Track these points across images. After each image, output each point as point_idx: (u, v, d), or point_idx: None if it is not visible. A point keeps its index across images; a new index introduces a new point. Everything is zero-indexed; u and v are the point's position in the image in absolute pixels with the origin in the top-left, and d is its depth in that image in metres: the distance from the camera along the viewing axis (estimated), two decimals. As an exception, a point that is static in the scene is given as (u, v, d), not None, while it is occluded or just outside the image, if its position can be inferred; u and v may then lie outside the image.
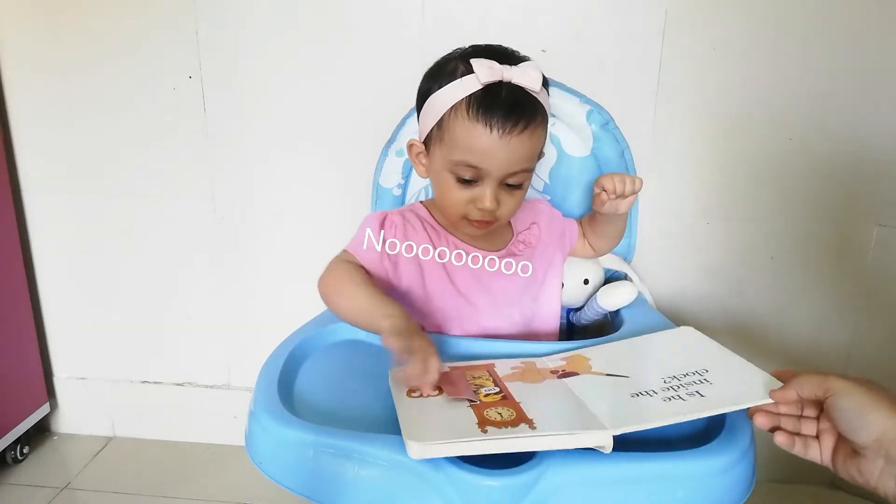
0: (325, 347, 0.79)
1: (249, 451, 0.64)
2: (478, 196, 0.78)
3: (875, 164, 1.16)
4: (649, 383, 0.62)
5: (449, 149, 0.77)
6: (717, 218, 1.22)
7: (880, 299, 1.21)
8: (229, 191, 1.29)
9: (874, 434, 0.52)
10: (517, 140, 0.74)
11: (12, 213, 1.31)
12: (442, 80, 0.77)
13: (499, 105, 0.73)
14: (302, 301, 1.31)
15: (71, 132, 1.29)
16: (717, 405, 0.57)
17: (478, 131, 0.74)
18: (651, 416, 0.56)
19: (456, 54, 0.79)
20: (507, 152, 0.75)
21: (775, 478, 1.29)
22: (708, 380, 0.61)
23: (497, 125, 0.73)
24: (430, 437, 0.53)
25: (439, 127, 0.78)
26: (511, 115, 0.73)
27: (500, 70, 0.74)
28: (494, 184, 0.77)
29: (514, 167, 0.76)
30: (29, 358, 1.37)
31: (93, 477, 1.33)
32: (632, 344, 0.75)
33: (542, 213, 0.95)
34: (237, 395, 1.41)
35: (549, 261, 0.92)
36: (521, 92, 0.75)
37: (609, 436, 0.54)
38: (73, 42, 1.24)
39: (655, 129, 1.17)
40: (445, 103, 0.76)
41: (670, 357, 0.69)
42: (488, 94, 0.74)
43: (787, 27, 1.11)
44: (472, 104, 0.74)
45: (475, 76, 0.74)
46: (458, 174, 0.77)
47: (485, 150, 0.75)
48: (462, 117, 0.75)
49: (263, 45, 1.20)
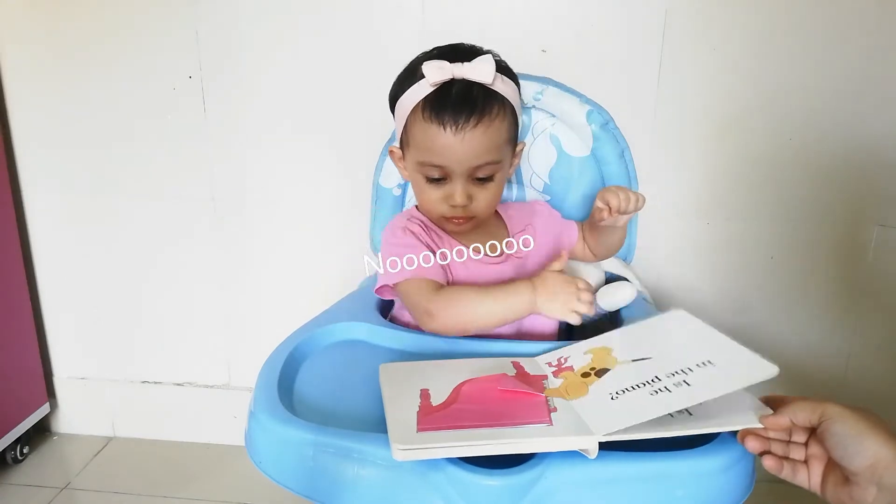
0: (325, 347, 0.79)
1: (249, 451, 0.64)
2: (449, 193, 0.80)
3: (875, 164, 1.16)
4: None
5: (415, 151, 0.80)
6: (717, 218, 1.22)
7: (880, 299, 1.21)
8: (229, 191, 1.29)
9: (868, 460, 0.51)
10: (471, 134, 0.76)
11: (12, 212, 1.31)
12: (405, 84, 0.80)
13: (448, 103, 0.75)
14: (302, 301, 1.32)
15: (71, 132, 1.29)
16: (707, 426, 0.56)
17: (433, 131, 0.76)
18: (640, 418, 0.55)
19: (420, 57, 0.81)
20: (465, 147, 0.76)
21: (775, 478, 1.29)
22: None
23: (449, 123, 0.75)
24: (415, 440, 0.53)
25: (405, 131, 0.81)
26: (461, 111, 0.75)
27: (450, 69, 0.76)
28: (462, 179, 0.79)
29: (476, 161, 0.77)
30: (29, 358, 1.37)
31: (93, 477, 1.33)
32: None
33: (539, 213, 0.95)
34: (237, 395, 1.41)
35: (544, 262, 0.91)
36: (474, 87, 0.76)
37: (594, 441, 0.54)
38: (73, 42, 1.24)
39: (655, 129, 1.17)
40: (408, 107, 0.79)
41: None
42: (439, 94, 0.76)
43: (787, 27, 1.11)
44: (425, 106, 0.77)
45: (426, 79, 0.76)
46: (426, 174, 0.80)
47: (443, 149, 0.77)
48: (420, 119, 0.77)
49: (263, 45, 1.20)
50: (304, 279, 1.32)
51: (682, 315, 0.72)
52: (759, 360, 0.58)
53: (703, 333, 0.67)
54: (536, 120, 1.02)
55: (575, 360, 0.70)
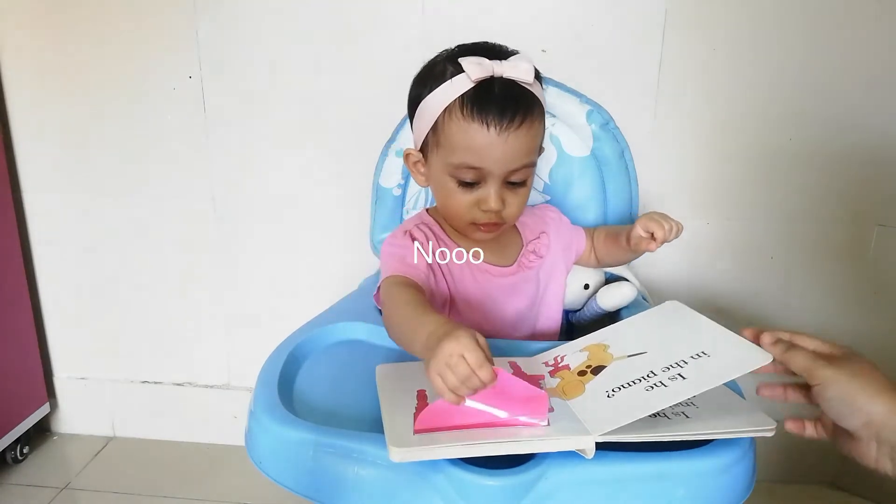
0: (325, 347, 0.79)
1: (249, 451, 0.64)
2: (482, 198, 0.76)
3: (875, 164, 1.16)
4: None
5: (447, 152, 0.75)
6: (717, 218, 1.22)
7: (881, 299, 1.21)
8: (229, 191, 1.29)
9: (862, 419, 0.54)
10: (515, 135, 0.72)
11: (12, 212, 1.31)
12: (432, 83, 0.75)
13: (493, 101, 0.72)
14: (302, 301, 1.32)
15: (71, 132, 1.29)
16: (706, 429, 0.56)
17: (474, 130, 0.72)
18: (635, 415, 0.55)
19: (443, 56, 0.78)
20: (506, 149, 0.73)
21: (775, 478, 1.29)
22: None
23: (494, 122, 0.71)
24: (412, 442, 0.53)
25: (434, 132, 0.76)
26: (507, 110, 0.72)
27: (490, 66, 0.72)
28: (497, 183, 0.75)
29: (515, 163, 0.74)
30: (29, 358, 1.37)
31: (93, 477, 1.33)
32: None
33: (551, 220, 0.93)
34: (237, 395, 1.41)
35: (553, 270, 0.91)
36: (514, 86, 0.73)
37: (591, 441, 0.54)
38: (73, 42, 1.24)
39: (655, 129, 1.17)
40: (438, 106, 0.74)
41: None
42: (481, 92, 0.72)
43: (788, 27, 1.11)
44: (465, 103, 0.72)
45: (465, 75, 0.72)
46: (459, 177, 0.75)
47: (484, 149, 0.73)
48: (457, 118, 0.73)
49: (263, 45, 1.20)
50: (304, 279, 1.32)
51: (677, 306, 0.72)
52: (752, 349, 0.59)
53: (697, 324, 0.67)
54: (536, 120, 1.02)
55: (571, 358, 0.70)
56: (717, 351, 0.60)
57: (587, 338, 0.73)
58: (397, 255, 0.78)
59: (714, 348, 0.61)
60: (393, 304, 0.71)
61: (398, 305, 0.70)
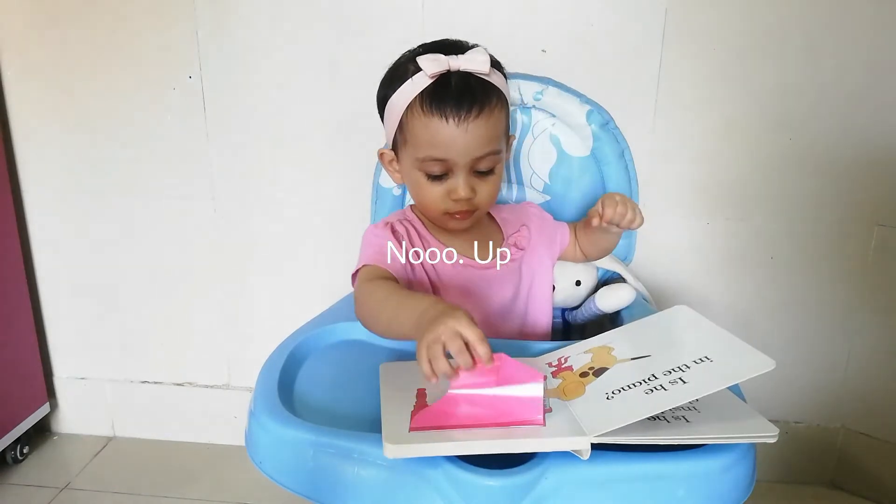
0: (325, 347, 0.79)
1: (249, 451, 0.64)
2: (451, 188, 0.79)
3: (875, 164, 1.16)
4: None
5: (413, 148, 0.79)
6: (717, 218, 1.22)
7: (880, 299, 1.21)
8: (229, 190, 1.29)
9: None
10: (475, 125, 0.75)
11: (12, 211, 1.31)
12: (395, 83, 0.79)
13: (450, 94, 0.75)
14: (302, 301, 1.32)
15: (71, 131, 1.29)
16: (704, 434, 0.56)
17: (435, 124, 0.75)
18: (632, 417, 0.55)
19: (406, 56, 0.81)
20: (468, 138, 0.76)
21: (775, 478, 1.29)
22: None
23: (452, 114, 0.75)
24: (407, 439, 0.54)
25: (401, 129, 0.80)
26: (464, 101, 0.75)
27: (445, 60, 0.76)
28: (465, 172, 0.78)
29: (478, 152, 0.77)
30: (29, 358, 1.37)
31: (93, 477, 1.33)
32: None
33: (532, 215, 0.95)
34: (237, 395, 1.41)
35: (538, 264, 0.91)
36: (471, 78, 0.76)
37: (586, 442, 0.54)
38: (73, 42, 1.24)
39: (655, 129, 1.17)
40: (402, 104, 0.78)
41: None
42: (438, 86, 0.76)
43: (788, 27, 1.11)
44: (424, 99, 0.76)
45: (423, 72, 0.75)
46: (427, 171, 0.79)
47: (446, 142, 0.76)
48: (418, 114, 0.76)
49: (263, 45, 1.20)
50: (305, 279, 1.33)
51: (685, 311, 0.72)
52: (755, 355, 0.59)
53: (703, 329, 0.67)
54: (536, 120, 1.02)
55: (575, 359, 0.70)
56: (721, 356, 0.60)
57: (592, 340, 0.73)
58: (376, 244, 0.82)
59: (717, 353, 0.61)
60: (374, 287, 0.74)
61: (380, 289, 0.73)
